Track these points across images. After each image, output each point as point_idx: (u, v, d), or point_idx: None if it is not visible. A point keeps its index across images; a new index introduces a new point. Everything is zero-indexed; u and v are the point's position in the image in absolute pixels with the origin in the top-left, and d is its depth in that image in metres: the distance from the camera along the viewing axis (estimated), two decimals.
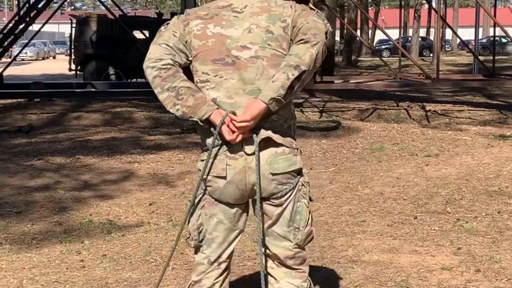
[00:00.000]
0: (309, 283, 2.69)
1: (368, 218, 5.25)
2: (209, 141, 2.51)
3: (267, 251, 2.66)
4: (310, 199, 2.62)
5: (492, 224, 5.01)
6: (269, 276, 2.69)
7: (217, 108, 2.45)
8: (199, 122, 2.45)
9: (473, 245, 4.52)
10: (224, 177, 2.50)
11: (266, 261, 2.68)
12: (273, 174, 2.48)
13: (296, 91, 2.42)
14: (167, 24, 2.56)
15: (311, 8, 2.50)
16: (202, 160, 2.55)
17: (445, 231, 4.86)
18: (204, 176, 2.53)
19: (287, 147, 2.51)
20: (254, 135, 2.45)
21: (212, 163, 2.49)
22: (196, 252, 2.67)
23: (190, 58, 2.51)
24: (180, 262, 4.24)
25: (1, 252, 4.53)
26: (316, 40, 2.38)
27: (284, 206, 2.55)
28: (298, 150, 2.57)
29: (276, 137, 2.47)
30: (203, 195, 2.57)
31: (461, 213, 5.35)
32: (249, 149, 2.47)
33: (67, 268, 4.21)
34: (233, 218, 2.59)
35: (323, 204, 5.72)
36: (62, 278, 4.05)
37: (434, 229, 4.91)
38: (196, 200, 2.58)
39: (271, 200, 2.54)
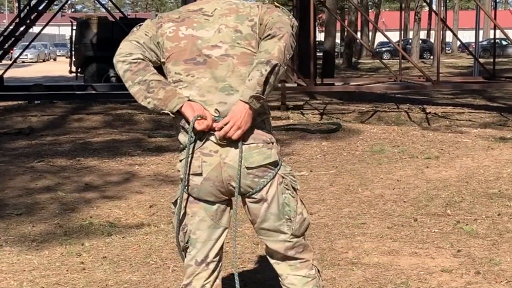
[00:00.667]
0: (316, 269, 2.70)
1: (368, 220, 5.26)
2: (181, 138, 2.57)
3: (267, 249, 2.68)
4: (294, 188, 2.64)
5: (492, 227, 5.01)
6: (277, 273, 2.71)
7: (188, 100, 2.50)
8: (170, 114, 2.50)
9: (473, 248, 4.53)
10: (200, 174, 2.53)
11: (270, 258, 2.70)
12: (248, 168, 2.52)
13: (274, 85, 2.47)
14: (140, 25, 2.62)
15: (276, 6, 2.58)
16: (180, 161, 2.59)
17: (445, 234, 4.86)
18: (182, 176, 2.56)
19: (261, 141, 2.55)
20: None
21: (190, 161, 2.53)
22: (184, 257, 2.69)
23: (162, 60, 2.57)
24: (180, 264, 4.24)
25: (1, 254, 4.53)
26: (282, 33, 2.45)
27: (268, 201, 2.57)
28: (274, 143, 2.60)
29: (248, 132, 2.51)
30: (185, 194, 2.60)
31: (461, 215, 5.35)
32: (223, 145, 2.50)
33: (67, 270, 4.22)
34: (215, 215, 2.61)
35: (323, 206, 5.72)
36: (62, 280, 4.05)
37: (434, 232, 4.92)
38: (179, 201, 2.61)
39: (252, 197, 2.56)
